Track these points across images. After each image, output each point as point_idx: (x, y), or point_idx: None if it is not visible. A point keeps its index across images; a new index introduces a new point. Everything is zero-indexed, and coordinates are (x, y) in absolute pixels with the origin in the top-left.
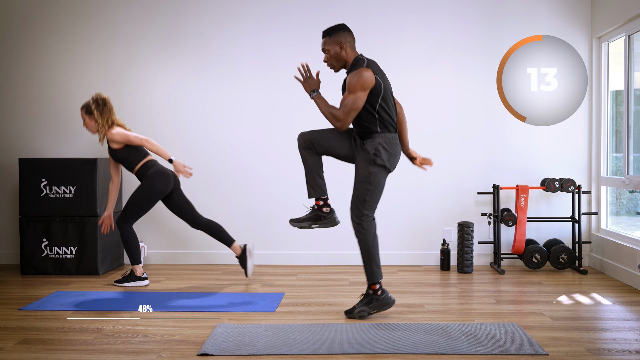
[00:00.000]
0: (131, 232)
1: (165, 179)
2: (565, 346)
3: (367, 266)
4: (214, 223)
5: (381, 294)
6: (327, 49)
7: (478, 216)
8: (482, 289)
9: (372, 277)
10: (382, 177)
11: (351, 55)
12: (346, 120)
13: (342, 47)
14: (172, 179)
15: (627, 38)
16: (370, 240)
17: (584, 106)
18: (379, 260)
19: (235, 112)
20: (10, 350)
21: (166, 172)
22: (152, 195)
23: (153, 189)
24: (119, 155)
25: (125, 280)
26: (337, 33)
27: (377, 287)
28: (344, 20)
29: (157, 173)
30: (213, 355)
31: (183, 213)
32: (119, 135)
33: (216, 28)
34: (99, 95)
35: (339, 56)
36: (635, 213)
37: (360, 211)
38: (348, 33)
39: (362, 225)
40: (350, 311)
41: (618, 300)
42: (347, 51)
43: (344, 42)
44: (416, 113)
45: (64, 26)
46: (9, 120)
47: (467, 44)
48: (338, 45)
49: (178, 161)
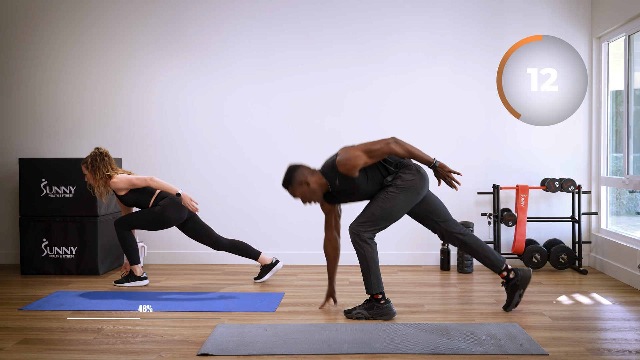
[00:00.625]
0: (128, 233)
1: (179, 209)
2: (565, 346)
3: (365, 277)
4: (237, 242)
5: (384, 303)
6: (297, 195)
7: (478, 216)
8: (482, 289)
9: (369, 287)
10: (401, 201)
11: (317, 178)
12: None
13: (307, 183)
14: (186, 209)
15: (627, 38)
16: (368, 253)
17: (584, 106)
18: (379, 272)
19: (234, 111)
20: (10, 350)
21: (180, 201)
22: (163, 223)
23: (166, 217)
24: (129, 200)
25: (125, 281)
26: (293, 177)
27: (379, 296)
28: (344, 20)
29: (171, 203)
30: (213, 355)
31: (203, 238)
32: (121, 182)
33: (215, 27)
34: (97, 151)
35: (311, 191)
36: (635, 213)
37: (362, 225)
38: (300, 169)
39: (359, 237)
40: (349, 311)
41: (618, 300)
42: (313, 179)
43: (303, 179)
44: (416, 113)
45: (62, 26)
46: (9, 120)
47: (467, 44)
48: (303, 185)
49: (185, 194)
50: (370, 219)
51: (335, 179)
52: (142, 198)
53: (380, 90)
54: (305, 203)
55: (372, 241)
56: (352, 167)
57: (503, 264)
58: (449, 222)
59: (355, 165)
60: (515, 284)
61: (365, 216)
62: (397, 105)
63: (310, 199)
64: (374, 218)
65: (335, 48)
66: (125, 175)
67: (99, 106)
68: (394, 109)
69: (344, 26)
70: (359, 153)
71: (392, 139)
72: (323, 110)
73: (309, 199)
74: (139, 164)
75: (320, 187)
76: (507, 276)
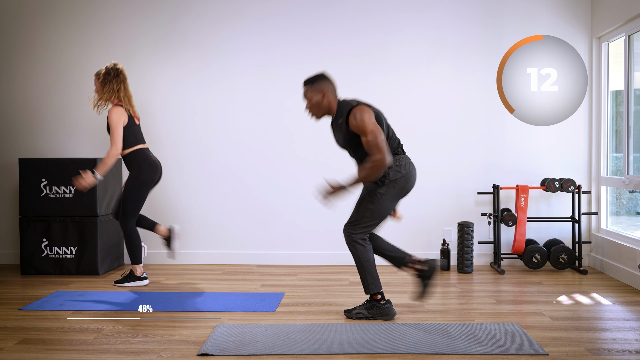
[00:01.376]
0: (135, 231)
1: (153, 169)
2: (565, 346)
3: (362, 277)
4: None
5: (384, 303)
6: (308, 97)
7: (478, 216)
8: (482, 289)
9: (367, 287)
10: (389, 200)
11: (333, 102)
12: (385, 154)
13: (324, 96)
14: (159, 169)
15: (627, 38)
16: (361, 252)
17: (584, 106)
18: (375, 272)
19: (234, 111)
20: (10, 350)
21: (155, 161)
22: (144, 184)
23: (141, 177)
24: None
25: (125, 281)
26: (319, 82)
27: (378, 297)
28: (344, 20)
29: (145, 164)
30: (213, 355)
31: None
32: (111, 120)
33: (215, 27)
34: (114, 65)
35: (320, 104)
36: (635, 213)
37: (354, 227)
38: (329, 82)
39: (352, 238)
40: (349, 310)
41: (618, 300)
42: (330, 99)
43: (325, 90)
44: (416, 113)
45: (63, 26)
46: (9, 120)
47: (467, 44)
48: (320, 94)
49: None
50: (361, 220)
51: (339, 119)
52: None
53: (380, 90)
54: (306, 108)
55: (365, 242)
56: (356, 127)
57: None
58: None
59: (359, 129)
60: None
61: (356, 218)
62: (397, 106)
63: (312, 109)
64: (364, 220)
65: (335, 48)
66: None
67: None
68: (394, 109)
69: (344, 26)
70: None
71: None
72: None
73: (312, 108)
74: None
75: (329, 109)
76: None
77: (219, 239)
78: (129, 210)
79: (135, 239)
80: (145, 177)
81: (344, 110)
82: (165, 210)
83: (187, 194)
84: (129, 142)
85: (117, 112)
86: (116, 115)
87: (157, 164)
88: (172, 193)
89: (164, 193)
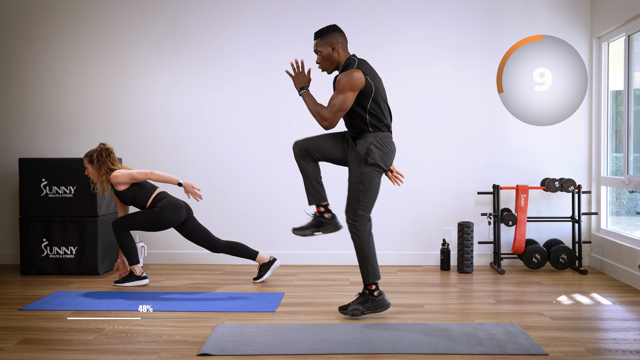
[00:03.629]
0: (127, 234)
1: (177, 210)
2: (565, 346)
3: (362, 266)
4: (234, 243)
5: (377, 295)
6: (319, 50)
7: (478, 216)
8: (482, 289)
9: (366, 277)
10: (375, 177)
11: (343, 56)
12: (333, 120)
13: (334, 48)
14: (184, 210)
15: (627, 38)
16: (364, 241)
17: (584, 106)
18: (375, 261)
19: (234, 112)
20: (10, 350)
21: (178, 203)
22: (161, 224)
23: (163, 219)
24: (127, 196)
25: (124, 281)
26: (329, 34)
27: (373, 287)
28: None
29: (169, 204)
30: (213, 355)
31: (200, 241)
32: (122, 176)
33: (215, 28)
34: (103, 146)
35: (331, 57)
36: (635, 213)
37: (354, 212)
38: (340, 34)
39: (355, 227)
40: (345, 307)
41: (618, 300)
42: (340, 52)
43: (336, 43)
44: (416, 113)
45: (63, 26)
46: (9, 120)
47: (467, 44)
48: (330, 47)
49: (187, 182)
50: (357, 203)
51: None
52: (141, 195)
53: None
54: (317, 62)
55: (369, 223)
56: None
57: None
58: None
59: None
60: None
61: (352, 203)
62: (397, 106)
63: (323, 62)
64: (360, 202)
65: None
66: (125, 170)
67: (99, 106)
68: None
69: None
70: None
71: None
72: None
73: (323, 60)
74: (139, 164)
75: (338, 62)
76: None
77: None
78: (130, 225)
79: (128, 240)
80: (169, 219)
81: (348, 66)
82: None
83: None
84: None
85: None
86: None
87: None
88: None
89: None
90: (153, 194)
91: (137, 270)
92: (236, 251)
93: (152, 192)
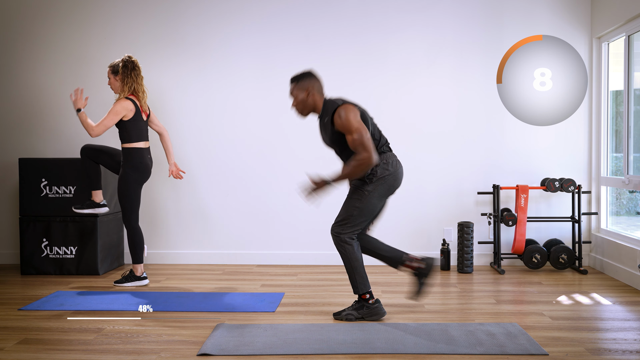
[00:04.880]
0: (139, 230)
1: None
2: (565, 346)
3: (351, 277)
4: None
5: (373, 303)
6: (294, 95)
7: (478, 216)
8: (482, 289)
9: (356, 288)
10: (376, 198)
11: (319, 100)
12: (371, 152)
13: (309, 94)
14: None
15: (627, 38)
16: (350, 252)
17: (584, 106)
18: (364, 271)
19: (234, 111)
20: (10, 350)
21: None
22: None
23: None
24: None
25: (125, 281)
26: (304, 80)
27: (367, 296)
28: (344, 20)
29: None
30: (213, 355)
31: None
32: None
33: (215, 27)
34: (129, 58)
35: (305, 102)
36: (635, 213)
37: (342, 226)
38: (315, 79)
39: (340, 238)
40: (339, 313)
41: (618, 300)
42: (315, 97)
43: (310, 89)
44: (416, 113)
45: (63, 26)
46: (9, 120)
47: (467, 44)
48: (305, 92)
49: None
50: (348, 219)
51: (326, 116)
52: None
53: (380, 90)
54: (292, 107)
55: (353, 241)
56: (341, 126)
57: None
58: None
59: (343, 127)
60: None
61: (344, 217)
62: (397, 106)
63: (298, 107)
64: (352, 219)
65: (335, 48)
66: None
67: (99, 106)
68: (394, 109)
69: (344, 26)
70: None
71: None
72: None
73: (298, 105)
74: None
75: (314, 107)
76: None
77: (218, 239)
78: (127, 208)
79: (139, 238)
80: (132, 178)
81: (330, 109)
82: (165, 210)
83: (187, 193)
84: (131, 136)
85: (123, 106)
86: (120, 107)
87: (148, 168)
88: (172, 193)
89: (164, 193)
90: (140, 142)
91: (138, 270)
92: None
93: (141, 140)
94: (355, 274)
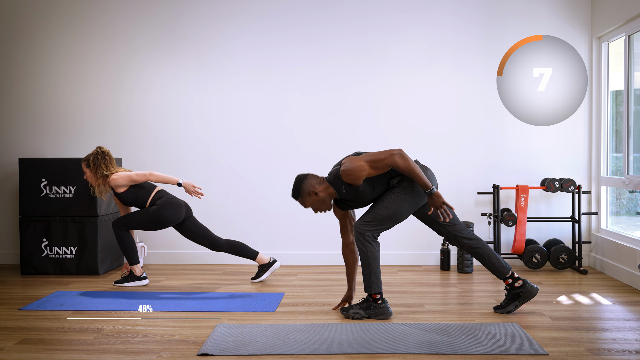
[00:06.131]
0: (126, 234)
1: (176, 208)
2: (565, 346)
3: (366, 275)
4: (234, 242)
5: (381, 303)
6: (306, 205)
7: (478, 216)
8: (482, 289)
9: (369, 286)
10: (406, 203)
11: (326, 188)
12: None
13: (315, 193)
14: (183, 208)
15: (627, 38)
16: (370, 251)
17: (584, 106)
18: (379, 272)
19: (234, 111)
20: (10, 350)
21: (177, 202)
22: (160, 222)
23: (163, 217)
24: (128, 197)
25: (124, 281)
26: (301, 188)
27: (377, 296)
28: (344, 20)
29: (168, 202)
30: (213, 355)
31: (200, 239)
32: (121, 178)
33: (215, 27)
34: (99, 150)
35: (319, 201)
36: (635, 213)
37: (367, 224)
38: (307, 179)
39: (364, 235)
40: (346, 309)
41: (618, 300)
42: (320, 189)
43: (311, 189)
44: (416, 113)
45: (62, 26)
46: (9, 120)
47: (467, 44)
48: (312, 195)
49: (187, 182)
50: (375, 218)
51: (341, 187)
52: (141, 195)
53: (379, 90)
54: (316, 212)
55: (376, 241)
56: (355, 177)
57: (508, 271)
58: (455, 226)
59: (358, 176)
60: (517, 294)
61: (371, 216)
62: (397, 106)
63: (320, 208)
64: (379, 218)
65: (335, 48)
66: (124, 172)
67: (98, 106)
68: (394, 109)
69: (343, 26)
70: (363, 164)
71: (398, 150)
72: (322, 110)
73: (319, 208)
74: (138, 163)
75: (329, 195)
76: (511, 284)
77: None
78: (130, 224)
79: (128, 240)
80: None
81: (338, 182)
82: None
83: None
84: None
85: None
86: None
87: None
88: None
89: None
90: (152, 193)
91: (137, 270)
92: (236, 250)
93: (152, 192)
94: (371, 273)
